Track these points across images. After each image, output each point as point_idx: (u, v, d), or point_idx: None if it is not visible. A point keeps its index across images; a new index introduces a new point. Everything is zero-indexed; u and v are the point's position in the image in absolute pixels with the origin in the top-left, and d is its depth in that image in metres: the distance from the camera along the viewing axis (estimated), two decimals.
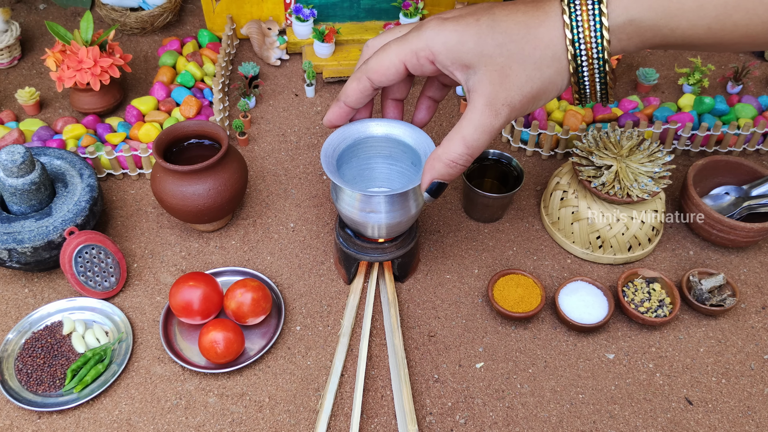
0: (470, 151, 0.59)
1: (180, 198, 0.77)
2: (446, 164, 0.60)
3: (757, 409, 0.73)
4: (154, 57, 1.16)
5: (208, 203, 0.78)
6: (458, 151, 0.59)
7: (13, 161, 0.75)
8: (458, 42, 0.57)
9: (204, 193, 0.77)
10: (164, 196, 0.78)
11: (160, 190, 0.78)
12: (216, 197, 0.78)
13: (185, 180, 0.77)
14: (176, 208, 0.79)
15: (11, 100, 1.07)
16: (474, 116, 0.58)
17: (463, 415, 0.72)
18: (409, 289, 0.83)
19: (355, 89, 0.66)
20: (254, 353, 0.76)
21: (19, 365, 0.75)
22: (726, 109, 1.02)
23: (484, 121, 0.58)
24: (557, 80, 0.59)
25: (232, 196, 0.80)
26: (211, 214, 0.80)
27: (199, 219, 0.81)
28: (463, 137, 0.59)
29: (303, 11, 1.12)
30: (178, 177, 0.76)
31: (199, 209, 0.79)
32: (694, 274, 0.82)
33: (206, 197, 0.78)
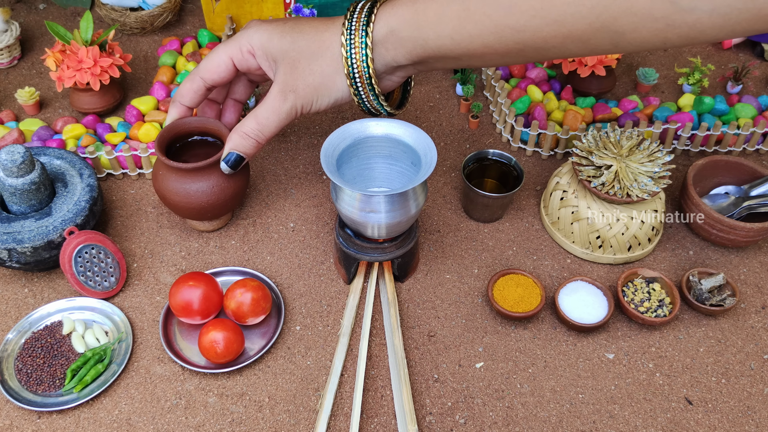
0: (260, 127, 0.71)
1: (183, 195, 0.77)
2: (240, 135, 0.72)
3: (757, 409, 0.73)
4: (154, 57, 1.16)
5: (211, 200, 0.78)
6: (251, 125, 0.71)
7: (12, 161, 0.75)
8: (268, 39, 0.69)
9: (207, 190, 0.77)
10: (167, 194, 0.78)
11: (162, 187, 0.78)
12: (219, 194, 0.78)
13: (188, 177, 0.76)
14: (179, 205, 0.79)
15: (11, 99, 1.07)
16: (268, 99, 0.70)
17: (462, 415, 0.72)
18: (408, 289, 0.83)
19: (189, 89, 0.75)
20: (254, 353, 0.76)
21: (19, 365, 0.75)
22: (726, 109, 1.02)
23: (274, 104, 0.70)
24: (336, 79, 0.69)
25: (235, 193, 0.80)
26: (214, 211, 0.80)
27: (202, 216, 0.81)
28: (256, 115, 0.71)
29: (303, 11, 1.12)
30: (181, 174, 0.76)
31: (202, 206, 0.78)
32: (694, 274, 0.82)
33: (210, 194, 0.77)
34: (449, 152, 1.01)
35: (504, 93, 1.01)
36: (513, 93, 1.03)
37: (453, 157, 1.00)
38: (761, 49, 1.18)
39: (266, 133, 0.71)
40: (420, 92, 1.11)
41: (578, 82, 1.04)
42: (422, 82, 1.12)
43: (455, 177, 0.97)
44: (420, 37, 0.64)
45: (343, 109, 1.07)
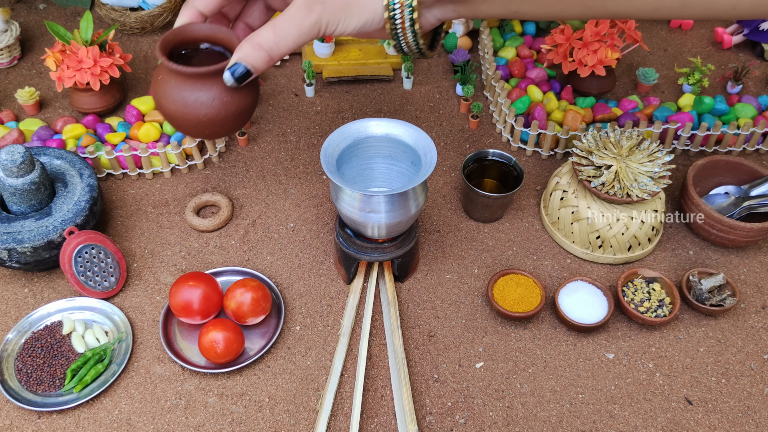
0: (277, 38, 0.62)
1: (180, 104, 0.67)
2: (252, 46, 0.62)
3: (756, 409, 0.73)
4: (153, 57, 1.16)
5: (210, 114, 0.68)
6: (266, 35, 0.62)
7: (13, 161, 0.75)
8: None
9: (207, 101, 0.67)
10: (163, 102, 0.69)
11: (159, 94, 0.69)
12: (220, 108, 0.67)
13: (188, 84, 0.66)
14: (175, 116, 0.69)
15: (11, 99, 1.07)
16: (290, 9, 0.62)
17: (462, 415, 0.72)
18: (408, 289, 0.83)
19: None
20: (254, 353, 0.76)
21: (19, 365, 0.75)
22: (726, 108, 1.02)
23: (297, 15, 0.62)
24: None
25: (238, 111, 0.69)
26: (212, 128, 0.70)
27: (198, 132, 0.71)
28: (274, 25, 0.62)
29: None
30: (180, 80, 0.66)
31: (199, 120, 0.69)
32: (694, 273, 0.82)
33: (209, 107, 0.67)
34: (449, 152, 1.01)
35: (504, 93, 1.01)
36: (513, 93, 1.03)
37: (453, 157, 1.00)
38: (761, 49, 1.18)
39: (282, 47, 0.62)
40: (420, 92, 1.11)
41: (578, 82, 1.04)
42: (422, 82, 1.12)
43: (455, 177, 0.97)
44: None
45: (343, 108, 1.07)
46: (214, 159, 0.98)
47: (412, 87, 1.11)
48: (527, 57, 1.12)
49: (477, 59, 1.16)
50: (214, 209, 0.92)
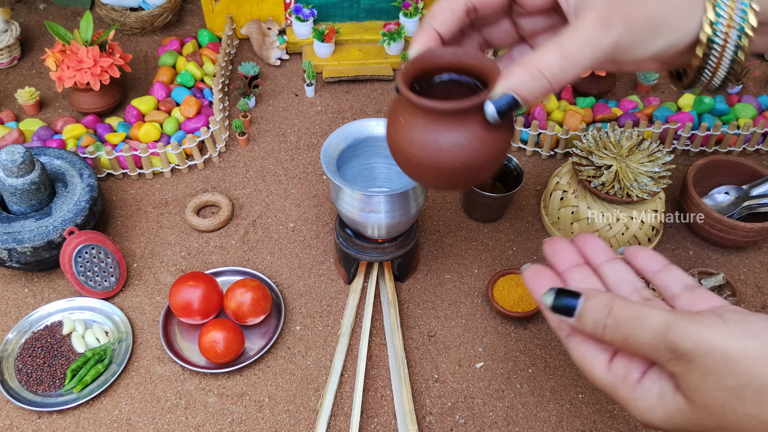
0: (565, 63, 0.46)
1: (433, 149, 0.52)
2: (531, 73, 0.47)
3: None
4: (154, 57, 1.16)
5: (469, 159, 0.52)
6: (550, 60, 0.46)
7: (13, 161, 0.75)
8: None
9: (466, 143, 0.52)
10: (408, 147, 0.53)
11: (402, 137, 0.53)
12: (481, 151, 0.52)
13: (442, 124, 0.51)
14: (424, 164, 0.53)
15: (11, 99, 1.07)
16: (580, 26, 0.47)
17: (463, 415, 0.72)
18: (409, 289, 0.83)
19: (445, 8, 0.52)
20: (254, 353, 0.76)
21: (19, 365, 0.75)
22: (726, 108, 1.02)
23: (592, 33, 0.46)
24: (687, 16, 0.48)
25: (499, 152, 0.53)
26: (468, 174, 0.54)
27: (449, 183, 0.56)
28: (560, 46, 0.46)
29: (303, 11, 1.12)
30: (433, 120, 0.51)
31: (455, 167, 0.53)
32: (694, 273, 0.82)
33: (468, 150, 0.52)
34: None
35: None
36: None
37: None
38: None
39: (569, 74, 0.47)
40: None
41: (578, 82, 1.04)
42: None
43: None
44: None
45: (343, 108, 1.07)
46: (214, 159, 0.98)
47: None
48: None
49: None
50: (214, 209, 0.92)
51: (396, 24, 1.12)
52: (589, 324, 0.44)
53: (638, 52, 0.49)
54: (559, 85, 0.48)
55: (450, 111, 0.50)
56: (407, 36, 1.15)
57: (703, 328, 0.39)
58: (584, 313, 0.45)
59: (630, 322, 0.42)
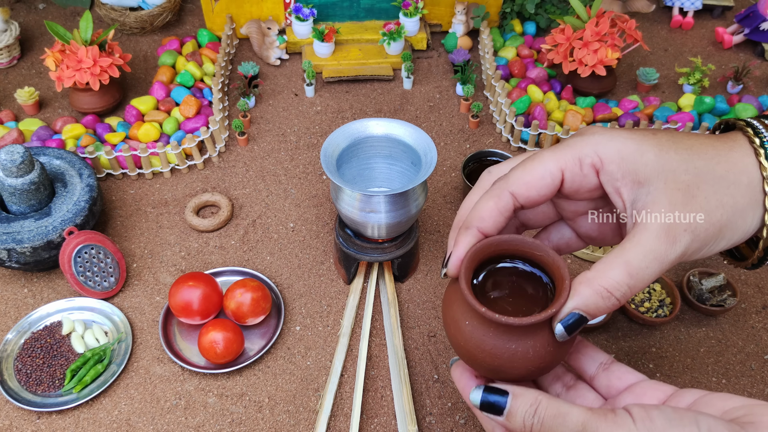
0: (633, 281, 0.45)
1: (507, 358, 0.50)
2: (598, 292, 0.45)
3: None
4: (153, 57, 1.16)
5: (542, 363, 0.50)
6: (617, 278, 0.45)
7: (12, 161, 0.75)
8: (636, 151, 0.47)
9: (542, 349, 0.49)
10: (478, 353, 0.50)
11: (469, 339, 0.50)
12: (545, 357, 0.50)
13: (515, 333, 0.49)
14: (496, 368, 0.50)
15: (10, 99, 1.07)
16: (644, 239, 0.45)
17: (462, 415, 0.72)
18: (409, 289, 0.83)
19: (493, 209, 0.50)
20: (254, 353, 0.76)
21: (19, 365, 0.74)
22: (726, 108, 1.01)
23: (658, 248, 0.45)
24: (748, 216, 0.48)
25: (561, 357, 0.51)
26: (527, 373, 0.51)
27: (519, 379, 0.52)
28: (626, 262, 0.45)
29: (303, 11, 1.12)
30: (504, 330, 0.48)
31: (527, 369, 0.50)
32: (695, 274, 0.82)
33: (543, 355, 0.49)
34: (449, 152, 1.01)
35: (504, 93, 1.01)
36: (513, 93, 1.03)
37: (453, 157, 1.00)
38: (762, 49, 1.18)
39: (637, 288, 0.46)
40: (420, 92, 1.10)
41: (578, 81, 1.04)
42: (422, 82, 1.12)
43: (455, 177, 0.97)
44: None
45: (343, 108, 1.07)
46: (214, 159, 0.98)
47: (412, 87, 1.11)
48: (527, 57, 1.12)
49: (477, 59, 1.16)
50: (213, 209, 0.92)
51: (396, 24, 1.12)
52: (518, 422, 0.45)
53: (701, 255, 0.49)
54: (627, 300, 0.47)
55: (522, 325, 0.47)
56: (407, 36, 1.15)
57: (615, 428, 0.40)
58: (512, 412, 0.45)
59: (553, 421, 0.43)
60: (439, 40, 1.21)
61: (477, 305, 0.47)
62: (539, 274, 0.51)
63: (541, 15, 1.19)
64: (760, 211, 0.48)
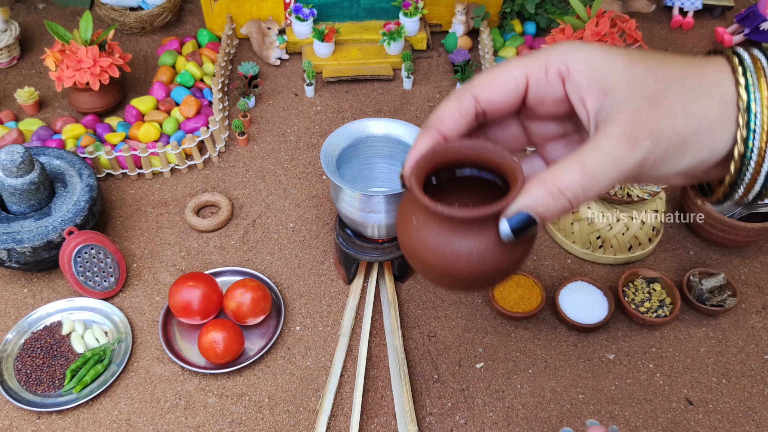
0: (588, 182, 0.44)
1: (449, 257, 0.49)
2: (549, 191, 0.44)
3: (757, 410, 0.73)
4: (153, 57, 1.16)
5: (488, 268, 0.49)
6: (571, 177, 0.43)
7: (12, 161, 0.75)
8: (604, 61, 0.46)
9: (486, 251, 0.48)
10: (422, 252, 0.50)
11: (415, 239, 0.50)
12: (501, 259, 0.49)
13: (460, 230, 0.48)
14: (439, 269, 0.50)
15: (10, 99, 1.07)
16: (603, 143, 0.44)
17: (463, 415, 0.72)
18: (409, 289, 0.83)
19: (454, 111, 0.49)
20: (254, 353, 0.76)
21: (19, 365, 0.74)
22: None
23: (617, 152, 0.44)
24: (718, 131, 0.45)
25: (519, 260, 0.49)
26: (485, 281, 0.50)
27: (467, 286, 0.52)
28: (583, 163, 0.44)
29: (303, 11, 1.12)
30: (447, 226, 0.48)
31: (472, 274, 0.49)
32: (695, 274, 0.82)
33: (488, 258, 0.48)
34: None
35: None
36: None
37: None
38: None
39: (591, 193, 0.45)
40: (420, 92, 1.10)
41: None
42: (422, 82, 1.12)
43: None
44: None
45: (343, 108, 1.07)
46: (214, 159, 0.98)
47: (412, 87, 1.11)
48: None
49: (477, 59, 1.16)
50: (213, 209, 0.92)
51: (396, 24, 1.12)
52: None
53: (664, 170, 0.46)
54: (580, 203, 0.45)
55: (468, 219, 0.46)
56: (407, 36, 1.15)
57: None
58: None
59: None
60: (439, 40, 1.21)
61: (422, 197, 0.46)
62: (502, 186, 0.49)
63: (541, 15, 1.19)
64: (731, 128, 0.45)
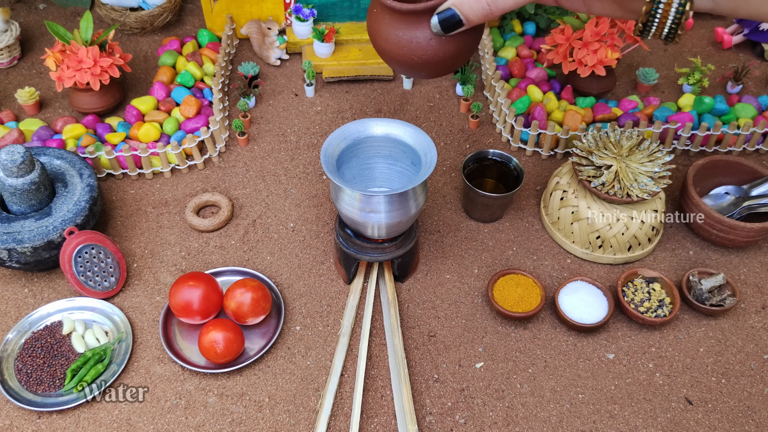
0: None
1: (395, 44, 0.62)
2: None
3: (756, 409, 0.73)
4: (153, 57, 1.16)
5: (426, 56, 0.62)
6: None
7: (13, 161, 0.75)
8: None
9: (423, 42, 0.61)
10: (377, 39, 0.64)
11: (373, 30, 0.64)
12: (438, 50, 0.61)
13: (404, 22, 0.60)
14: (390, 55, 0.64)
15: (11, 99, 1.07)
16: None
17: (463, 415, 0.72)
18: (409, 289, 0.83)
19: None
20: (254, 353, 0.76)
21: (19, 365, 0.74)
22: (726, 108, 1.02)
23: None
24: None
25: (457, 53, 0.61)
26: (428, 69, 0.64)
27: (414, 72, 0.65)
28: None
29: (303, 11, 1.12)
30: (396, 17, 0.61)
31: (414, 61, 0.62)
32: (694, 274, 0.82)
33: (425, 48, 0.61)
34: (449, 152, 1.01)
35: (504, 93, 1.01)
36: (513, 93, 1.03)
37: (453, 157, 1.00)
38: (761, 49, 1.18)
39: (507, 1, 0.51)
40: (420, 92, 1.11)
41: (578, 82, 1.04)
42: (422, 82, 1.12)
43: (455, 177, 0.97)
44: None
45: (343, 108, 1.07)
46: (214, 159, 0.98)
47: (412, 87, 1.11)
48: (527, 57, 1.12)
49: (477, 59, 1.16)
50: (214, 209, 0.92)
51: None
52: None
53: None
54: (499, 9, 0.53)
55: (408, 11, 0.59)
56: None
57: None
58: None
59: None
60: None
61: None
62: None
63: (541, 15, 1.19)
64: None
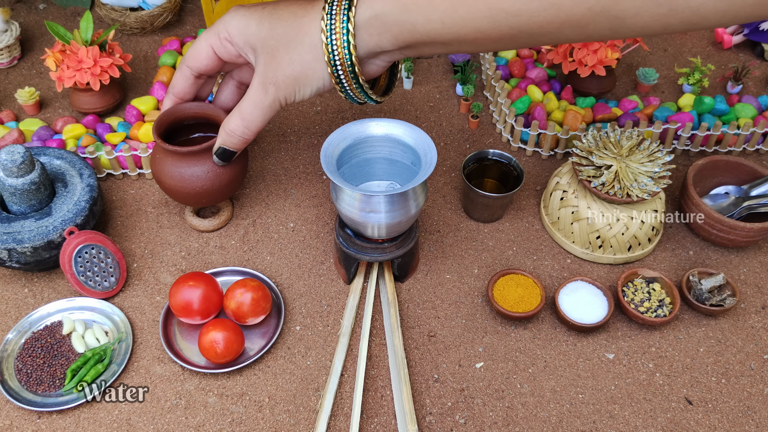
0: (246, 123, 0.69)
1: (178, 180, 0.77)
2: (227, 132, 0.71)
3: (757, 409, 0.73)
4: (153, 57, 1.16)
5: (206, 186, 0.77)
6: (235, 122, 0.70)
7: (12, 161, 0.75)
8: (245, 25, 0.66)
9: (202, 175, 0.77)
10: (162, 178, 0.78)
11: (158, 171, 0.78)
12: (215, 180, 0.77)
13: (183, 161, 0.76)
14: (174, 189, 0.78)
15: (11, 99, 1.07)
16: (250, 93, 0.67)
17: (462, 415, 0.72)
18: (409, 289, 0.83)
19: (179, 79, 0.74)
20: (254, 353, 0.76)
21: (19, 365, 0.75)
22: (726, 108, 1.02)
23: (256, 98, 0.67)
24: (317, 68, 0.64)
25: (231, 180, 0.79)
26: (210, 197, 0.80)
27: (197, 202, 0.80)
28: (240, 111, 0.69)
29: None
30: (176, 158, 0.76)
31: (197, 192, 0.78)
32: (694, 274, 0.82)
33: (204, 180, 0.77)
34: (449, 152, 1.01)
35: (504, 93, 1.01)
36: (513, 93, 1.03)
37: (453, 157, 1.00)
38: (761, 49, 1.18)
39: (252, 128, 0.70)
40: (420, 92, 1.11)
41: (578, 82, 1.04)
42: (422, 82, 1.12)
43: (455, 177, 0.97)
44: (407, 21, 0.60)
45: (344, 108, 1.07)
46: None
47: (412, 87, 1.11)
48: (527, 57, 1.12)
49: (477, 59, 1.16)
50: (214, 209, 0.92)
51: None
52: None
53: (298, 98, 0.67)
54: (250, 135, 0.71)
55: (186, 153, 0.75)
56: None
57: None
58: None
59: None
60: None
61: (158, 140, 0.75)
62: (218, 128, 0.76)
63: None
64: (325, 66, 0.64)
